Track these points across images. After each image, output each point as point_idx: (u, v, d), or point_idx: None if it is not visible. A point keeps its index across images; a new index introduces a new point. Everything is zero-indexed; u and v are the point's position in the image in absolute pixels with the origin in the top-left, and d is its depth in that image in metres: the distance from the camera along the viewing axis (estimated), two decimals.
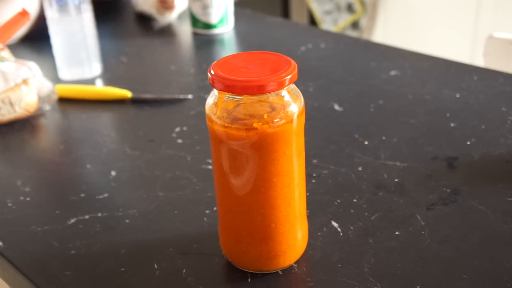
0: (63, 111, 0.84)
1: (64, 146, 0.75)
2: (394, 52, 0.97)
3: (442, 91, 0.81)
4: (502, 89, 0.80)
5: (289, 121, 0.44)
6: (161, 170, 0.66)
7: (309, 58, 0.96)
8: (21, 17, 0.83)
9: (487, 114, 0.74)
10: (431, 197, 0.59)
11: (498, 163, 0.64)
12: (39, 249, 0.55)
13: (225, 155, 0.46)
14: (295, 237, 0.49)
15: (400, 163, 0.65)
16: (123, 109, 0.83)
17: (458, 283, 0.47)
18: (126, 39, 1.12)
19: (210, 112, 0.45)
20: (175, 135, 0.74)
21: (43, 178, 0.68)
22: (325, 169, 0.64)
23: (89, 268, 0.52)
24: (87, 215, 0.59)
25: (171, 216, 0.58)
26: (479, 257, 0.50)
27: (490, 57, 1.09)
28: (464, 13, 1.95)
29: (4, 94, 0.77)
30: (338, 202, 0.59)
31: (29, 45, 1.09)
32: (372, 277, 0.48)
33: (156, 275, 0.50)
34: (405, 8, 2.13)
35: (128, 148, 0.72)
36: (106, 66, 0.97)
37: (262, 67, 0.45)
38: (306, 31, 1.14)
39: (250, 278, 0.50)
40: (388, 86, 0.84)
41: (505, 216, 0.55)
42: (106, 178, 0.66)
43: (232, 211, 0.48)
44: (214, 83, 0.44)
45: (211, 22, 1.10)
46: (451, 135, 0.70)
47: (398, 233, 0.54)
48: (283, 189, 0.47)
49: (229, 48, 1.09)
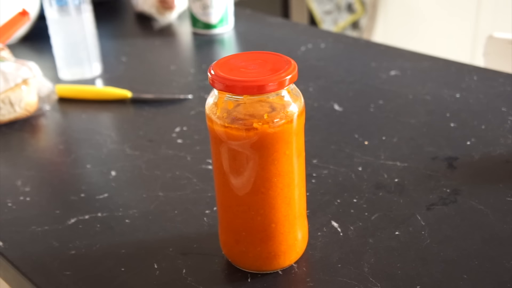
0: (63, 111, 0.84)
1: (64, 146, 0.75)
2: (394, 52, 0.97)
3: (442, 91, 0.81)
4: (502, 89, 0.80)
5: (289, 121, 0.44)
6: (161, 170, 0.66)
7: (309, 58, 0.96)
8: (21, 17, 0.83)
9: (487, 114, 0.74)
10: (431, 197, 0.59)
11: (498, 163, 0.64)
12: (39, 249, 0.55)
13: (225, 155, 0.46)
14: (295, 237, 0.49)
15: (400, 163, 0.65)
16: (123, 109, 0.83)
17: (458, 283, 0.47)
18: (126, 39, 1.12)
19: (210, 112, 0.45)
20: (175, 135, 0.74)
21: (43, 178, 0.68)
22: (325, 169, 0.64)
23: (89, 268, 0.52)
24: (87, 215, 0.59)
25: (171, 216, 0.58)
26: (479, 257, 0.50)
27: (490, 57, 1.09)
28: (464, 13, 1.96)
29: (4, 94, 0.77)
30: (338, 202, 0.59)
31: (29, 45, 1.09)
32: (372, 277, 0.48)
33: (156, 275, 0.50)
34: (405, 8, 2.13)
35: (128, 148, 0.72)
36: (106, 66, 0.97)
37: (262, 67, 0.45)
38: (306, 31, 1.14)
39: (250, 278, 0.50)
40: (388, 86, 0.84)
41: (505, 216, 0.55)
42: (106, 178, 0.66)
43: (232, 211, 0.48)
44: (214, 83, 0.44)
45: (211, 22, 1.10)
46: (451, 135, 0.70)
47: (398, 233, 0.54)
48: (283, 189, 0.47)
49: (229, 48, 1.09)
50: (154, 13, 1.17)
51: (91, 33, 0.93)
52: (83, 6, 0.90)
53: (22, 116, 0.79)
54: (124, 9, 1.29)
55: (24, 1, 1.05)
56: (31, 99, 0.79)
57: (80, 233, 0.56)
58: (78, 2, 0.89)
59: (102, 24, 1.09)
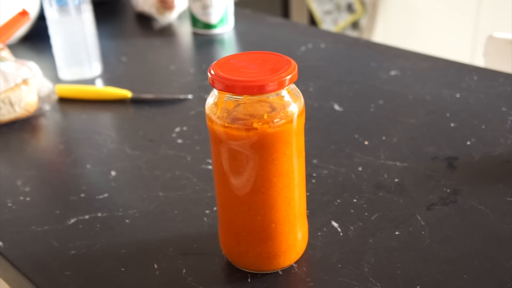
0: (63, 111, 0.84)
1: (64, 146, 0.75)
2: (394, 52, 0.97)
3: (442, 91, 0.81)
4: (502, 89, 0.80)
5: (289, 121, 0.44)
6: (161, 170, 0.66)
7: (309, 58, 0.96)
8: (21, 17, 0.83)
9: (487, 114, 0.74)
10: (431, 197, 0.59)
11: (498, 163, 0.64)
12: (39, 249, 0.55)
13: (225, 155, 0.46)
14: (295, 237, 0.49)
15: (400, 163, 0.65)
16: (123, 109, 0.83)
17: (458, 283, 0.47)
18: (126, 39, 1.12)
19: (210, 112, 0.45)
20: (175, 135, 0.74)
21: (43, 178, 0.68)
22: (325, 169, 0.64)
23: (89, 268, 0.52)
24: (87, 215, 0.59)
25: (171, 216, 0.58)
26: (479, 257, 0.50)
27: (490, 57, 1.09)
28: (464, 13, 1.96)
29: (4, 94, 0.77)
30: (338, 202, 0.59)
31: (29, 45, 1.09)
32: (372, 277, 0.48)
33: (156, 275, 0.50)
34: (405, 8, 2.13)
35: (128, 148, 0.72)
36: (106, 66, 0.97)
37: (262, 67, 0.45)
38: (306, 31, 1.14)
39: (250, 278, 0.50)
40: (388, 86, 0.84)
41: (505, 216, 0.55)
42: (106, 178, 0.66)
43: (232, 211, 0.48)
44: (214, 83, 0.44)
45: (211, 22, 1.10)
46: (451, 135, 0.70)
47: (398, 233, 0.54)
48: (283, 189, 0.47)
49: (229, 48, 1.09)
50: (154, 13, 1.17)
51: (91, 33, 0.93)
52: (83, 6, 0.90)
53: (22, 116, 0.79)
54: (124, 9, 1.29)
55: (24, 1, 1.05)
56: (31, 99, 0.79)
57: (80, 233, 0.56)
58: (78, 2, 0.89)
59: (102, 24, 1.09)
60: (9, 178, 0.67)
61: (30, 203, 0.62)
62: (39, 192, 0.64)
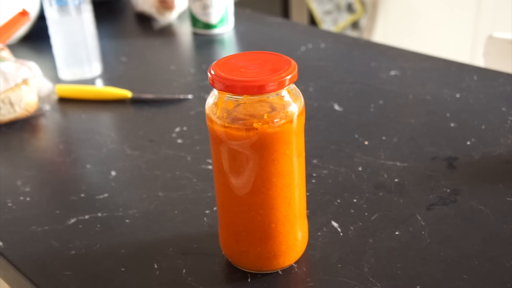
0: (63, 111, 0.84)
1: (64, 146, 0.75)
2: (394, 52, 0.97)
3: (442, 91, 0.81)
4: (502, 89, 0.80)
5: (289, 121, 0.44)
6: (161, 170, 0.66)
7: (309, 58, 0.96)
8: (21, 17, 0.83)
9: (487, 114, 0.74)
10: (431, 197, 0.59)
11: (498, 163, 0.64)
12: (39, 249, 0.55)
13: (225, 155, 0.46)
14: (295, 237, 0.49)
15: (400, 163, 0.65)
16: (123, 109, 0.83)
17: (458, 283, 0.47)
18: (126, 39, 1.12)
19: (210, 112, 0.45)
20: (175, 135, 0.74)
21: (43, 178, 0.68)
22: (325, 169, 0.64)
23: (89, 268, 0.52)
24: (87, 215, 0.59)
25: (171, 216, 0.58)
26: (479, 257, 0.50)
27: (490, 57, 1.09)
28: (464, 13, 1.96)
29: (4, 94, 0.77)
30: (338, 202, 0.59)
31: (29, 45, 1.09)
32: (372, 277, 0.48)
33: (156, 275, 0.50)
34: (405, 8, 2.13)
35: (128, 148, 0.72)
36: (106, 66, 0.97)
37: (262, 67, 0.45)
38: (306, 31, 1.14)
39: (250, 278, 0.50)
40: (388, 86, 0.84)
41: (505, 216, 0.55)
42: (106, 178, 0.66)
43: (232, 211, 0.48)
44: (214, 83, 0.44)
45: (211, 22, 1.10)
46: (451, 135, 0.70)
47: (398, 233, 0.54)
48: (283, 189, 0.47)
49: (229, 48, 1.09)
50: (154, 13, 1.17)
51: (91, 33, 0.93)
52: (83, 6, 0.90)
53: (22, 116, 0.79)
54: (124, 9, 1.29)
55: (24, 1, 1.05)
56: (31, 99, 0.79)
57: (80, 233, 0.56)
58: (78, 2, 0.89)
59: (102, 24, 1.09)
60: (9, 178, 0.67)
61: (30, 203, 0.62)
62: (39, 192, 0.64)
